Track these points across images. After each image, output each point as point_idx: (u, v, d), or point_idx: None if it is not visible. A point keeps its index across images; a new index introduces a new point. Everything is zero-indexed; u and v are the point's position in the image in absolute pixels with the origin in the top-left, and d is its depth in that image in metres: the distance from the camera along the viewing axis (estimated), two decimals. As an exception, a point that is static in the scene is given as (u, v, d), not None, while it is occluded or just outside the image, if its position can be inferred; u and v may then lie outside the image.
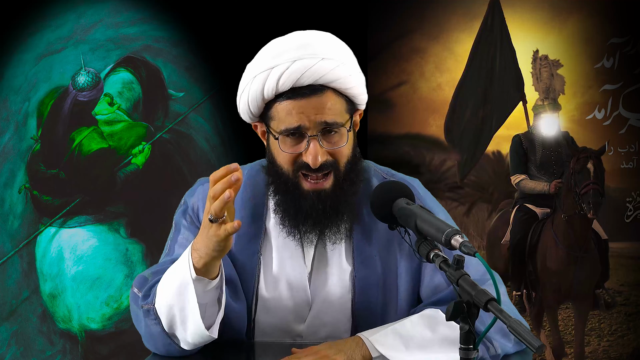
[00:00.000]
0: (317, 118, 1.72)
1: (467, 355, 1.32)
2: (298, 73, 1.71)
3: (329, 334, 1.83)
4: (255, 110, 1.79)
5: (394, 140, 4.84)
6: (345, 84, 1.76)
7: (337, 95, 1.75)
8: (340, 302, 1.82)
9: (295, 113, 1.72)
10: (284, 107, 1.73)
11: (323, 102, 1.73)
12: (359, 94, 1.81)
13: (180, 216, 1.91)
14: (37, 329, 4.30)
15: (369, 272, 1.82)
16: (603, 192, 4.52)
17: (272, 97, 1.75)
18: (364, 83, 1.83)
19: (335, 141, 1.75)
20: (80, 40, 4.34)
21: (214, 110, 4.50)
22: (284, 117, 1.74)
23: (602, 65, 4.73)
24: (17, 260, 4.29)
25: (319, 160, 1.72)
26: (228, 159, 4.45)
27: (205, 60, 4.46)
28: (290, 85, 1.72)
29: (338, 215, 1.78)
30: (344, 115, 1.77)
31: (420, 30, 4.87)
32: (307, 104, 1.72)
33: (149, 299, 1.72)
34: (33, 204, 4.30)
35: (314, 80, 1.72)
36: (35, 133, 4.31)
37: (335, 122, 1.74)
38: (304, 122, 1.72)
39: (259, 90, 1.75)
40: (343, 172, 1.77)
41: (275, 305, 1.83)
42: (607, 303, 4.64)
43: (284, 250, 1.84)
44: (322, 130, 1.73)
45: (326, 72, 1.72)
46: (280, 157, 1.77)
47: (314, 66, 1.72)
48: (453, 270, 1.37)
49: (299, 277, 1.83)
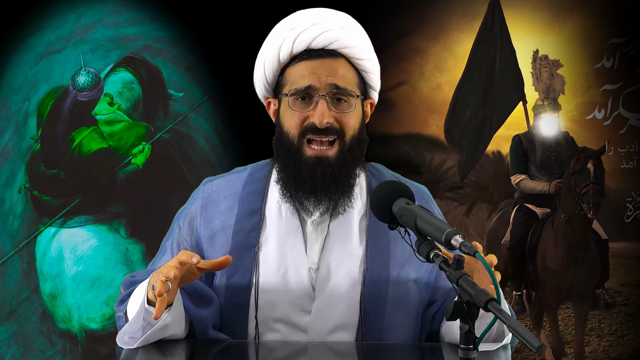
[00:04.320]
0: (328, 80, 1.76)
1: (467, 355, 1.32)
2: (314, 34, 1.77)
3: (335, 327, 1.82)
4: (271, 77, 1.84)
5: (394, 140, 4.84)
6: (358, 54, 1.80)
7: (349, 65, 1.81)
8: (348, 295, 1.82)
9: (308, 74, 1.77)
10: (297, 69, 1.79)
11: (335, 66, 1.78)
12: (372, 72, 1.85)
13: (179, 218, 1.94)
14: (37, 329, 4.30)
15: (381, 267, 1.82)
16: (603, 192, 4.52)
17: (287, 59, 1.80)
18: (378, 67, 1.88)
19: (343, 108, 1.78)
20: (80, 40, 4.34)
21: (214, 110, 4.50)
22: (297, 79, 1.79)
23: (602, 65, 4.73)
24: (17, 260, 4.29)
25: (325, 120, 1.74)
26: (228, 159, 4.45)
27: (205, 60, 4.46)
28: (304, 47, 1.78)
29: (337, 187, 1.79)
30: (355, 88, 1.81)
31: (420, 30, 4.87)
32: (319, 65, 1.77)
33: (121, 307, 1.80)
34: (33, 204, 4.30)
35: (327, 43, 1.78)
36: (35, 133, 4.31)
37: (346, 88, 1.78)
38: (314, 82, 1.76)
39: (275, 53, 1.81)
40: (348, 144, 1.79)
41: (277, 297, 1.82)
42: (607, 303, 4.64)
43: (286, 241, 1.84)
44: (332, 94, 1.77)
45: (340, 38, 1.78)
46: (288, 121, 1.80)
47: (330, 30, 1.78)
48: (453, 270, 1.37)
49: (301, 268, 1.83)
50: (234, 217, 1.86)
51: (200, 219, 1.88)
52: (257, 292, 1.83)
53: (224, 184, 1.91)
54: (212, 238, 1.85)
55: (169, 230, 1.96)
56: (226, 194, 1.89)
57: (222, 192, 1.89)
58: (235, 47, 4.31)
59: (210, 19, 4.41)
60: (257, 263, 1.83)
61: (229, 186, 1.91)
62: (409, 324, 1.85)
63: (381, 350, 1.82)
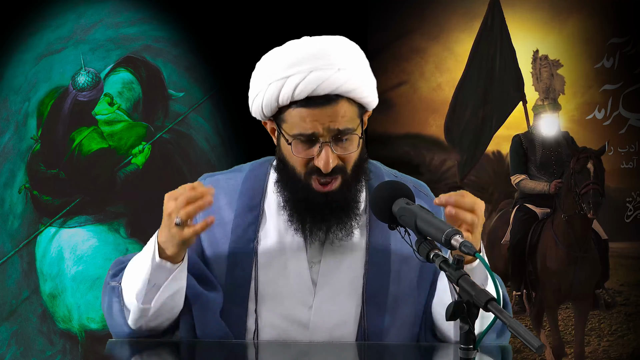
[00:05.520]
0: (330, 125, 1.74)
1: (467, 355, 1.32)
2: (314, 84, 1.74)
3: (337, 322, 1.82)
4: (269, 113, 1.82)
5: (394, 140, 4.85)
6: (360, 94, 1.78)
7: (350, 103, 1.78)
8: (350, 289, 1.82)
9: (310, 120, 1.75)
10: (298, 112, 1.76)
11: (337, 110, 1.75)
12: (372, 100, 1.83)
13: None
14: (37, 329, 4.30)
15: (383, 260, 1.83)
16: (603, 192, 4.52)
17: (287, 103, 1.77)
18: (375, 86, 1.85)
19: (346, 146, 1.78)
20: (80, 40, 4.34)
21: (214, 110, 4.50)
22: (298, 122, 1.76)
23: (602, 65, 4.73)
24: (17, 260, 4.29)
25: (331, 166, 1.75)
26: (228, 159, 4.45)
27: (205, 60, 4.46)
28: (306, 95, 1.74)
29: (345, 212, 1.80)
30: (355, 120, 1.79)
31: (420, 30, 4.87)
32: (321, 112, 1.75)
33: (117, 278, 1.80)
34: (33, 204, 4.30)
35: (330, 91, 1.75)
36: (35, 133, 4.31)
37: (347, 129, 1.76)
38: (317, 130, 1.74)
39: (274, 97, 1.78)
40: (350, 174, 1.80)
41: (276, 291, 1.82)
42: (607, 303, 4.64)
43: (285, 235, 1.84)
44: (334, 136, 1.76)
45: (342, 84, 1.75)
46: (293, 160, 1.79)
47: (331, 77, 1.74)
48: (453, 270, 1.37)
49: (300, 263, 1.83)
50: (233, 212, 1.86)
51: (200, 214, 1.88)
52: (256, 286, 1.83)
53: (223, 180, 1.92)
54: (211, 233, 1.86)
55: None
56: (225, 190, 1.90)
57: (222, 188, 1.90)
58: (235, 47, 4.31)
59: (210, 19, 4.41)
60: (256, 257, 1.84)
61: (228, 182, 1.92)
62: (410, 318, 1.85)
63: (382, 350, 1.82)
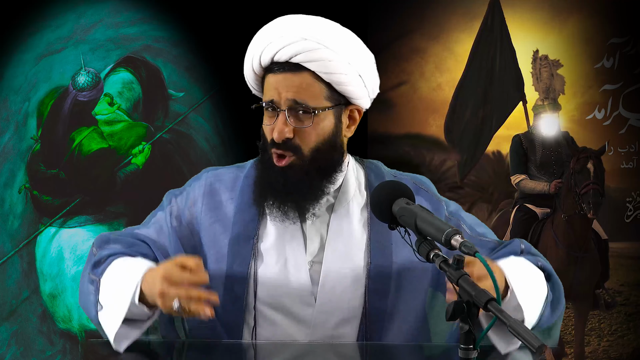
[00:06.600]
0: (287, 95, 1.75)
1: (467, 355, 1.32)
2: (276, 48, 1.75)
3: (339, 321, 1.82)
4: (254, 84, 1.87)
5: (394, 140, 4.85)
6: (324, 68, 1.75)
7: (315, 78, 1.76)
8: (352, 288, 1.82)
9: (272, 87, 1.77)
10: (267, 81, 1.79)
11: (297, 80, 1.75)
12: (347, 84, 1.79)
13: (171, 198, 1.95)
14: (37, 329, 4.30)
15: (385, 258, 1.83)
16: (603, 192, 4.52)
17: (260, 71, 1.81)
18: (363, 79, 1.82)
19: (302, 119, 1.76)
20: (80, 40, 4.34)
21: (214, 110, 4.50)
22: (266, 91, 1.79)
23: (602, 65, 4.73)
24: (17, 260, 4.29)
25: (282, 135, 1.75)
26: (228, 159, 4.45)
27: (205, 60, 4.46)
28: (269, 60, 1.77)
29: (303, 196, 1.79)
30: (319, 99, 1.77)
31: (420, 30, 4.87)
32: (282, 79, 1.76)
33: (97, 271, 1.80)
34: (33, 204, 4.30)
35: (289, 57, 1.75)
36: (35, 133, 4.32)
37: (305, 104, 1.75)
38: (275, 97, 1.76)
39: (249, 65, 1.83)
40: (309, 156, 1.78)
41: (276, 288, 1.82)
42: (607, 303, 4.64)
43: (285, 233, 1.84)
44: (292, 108, 1.75)
45: (303, 51, 1.74)
46: (264, 132, 1.82)
47: (293, 44, 1.75)
48: (453, 270, 1.37)
49: (299, 261, 1.83)
50: (234, 208, 1.86)
51: (202, 206, 1.88)
52: (255, 283, 1.83)
53: (226, 175, 1.93)
54: (212, 227, 1.86)
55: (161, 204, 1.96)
56: (227, 185, 1.90)
57: (224, 183, 1.90)
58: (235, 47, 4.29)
59: (210, 19, 4.41)
60: (255, 254, 1.83)
61: (230, 178, 1.92)
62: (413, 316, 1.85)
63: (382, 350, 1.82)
